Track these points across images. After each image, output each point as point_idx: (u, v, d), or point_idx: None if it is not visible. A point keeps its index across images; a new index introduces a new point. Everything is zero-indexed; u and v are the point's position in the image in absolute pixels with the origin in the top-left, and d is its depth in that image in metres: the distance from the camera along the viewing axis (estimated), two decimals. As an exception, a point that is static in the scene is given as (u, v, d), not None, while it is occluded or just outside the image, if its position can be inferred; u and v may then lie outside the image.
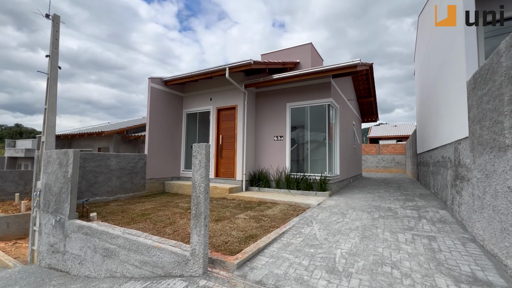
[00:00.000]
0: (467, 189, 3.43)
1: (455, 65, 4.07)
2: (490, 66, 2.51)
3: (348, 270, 2.46)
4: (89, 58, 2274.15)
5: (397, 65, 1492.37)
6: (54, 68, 5.38)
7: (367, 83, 10.49)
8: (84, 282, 3.33)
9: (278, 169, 7.26)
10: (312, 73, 6.32)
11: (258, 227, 3.77)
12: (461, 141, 3.76)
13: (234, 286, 2.24)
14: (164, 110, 8.01)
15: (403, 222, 4.00)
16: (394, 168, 20.59)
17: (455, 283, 2.18)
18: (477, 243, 3.05)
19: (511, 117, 2.08)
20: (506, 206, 2.23)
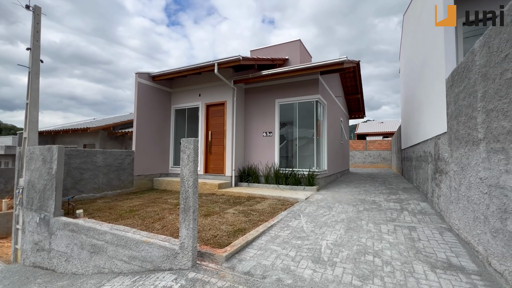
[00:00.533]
0: (445, 181, 3.62)
1: (435, 64, 4.24)
2: (466, 64, 2.64)
3: (333, 259, 2.57)
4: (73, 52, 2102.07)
5: (384, 63, 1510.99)
6: (35, 61, 5.20)
7: (354, 80, 10.69)
8: (71, 279, 3.30)
9: (267, 165, 7.34)
10: (300, 69, 6.40)
11: (247, 221, 3.83)
12: (440, 136, 3.94)
13: (222, 277, 2.29)
14: (152, 105, 7.90)
15: (386, 214, 4.17)
16: (380, 164, 21.16)
17: (431, 269, 2.32)
18: (453, 232, 3.23)
19: (483, 112, 2.22)
20: (478, 196, 2.38)
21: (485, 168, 2.20)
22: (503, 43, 1.84)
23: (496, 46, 1.94)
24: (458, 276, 2.16)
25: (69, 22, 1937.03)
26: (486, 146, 2.18)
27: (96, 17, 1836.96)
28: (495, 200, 2.03)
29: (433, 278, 2.16)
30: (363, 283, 2.12)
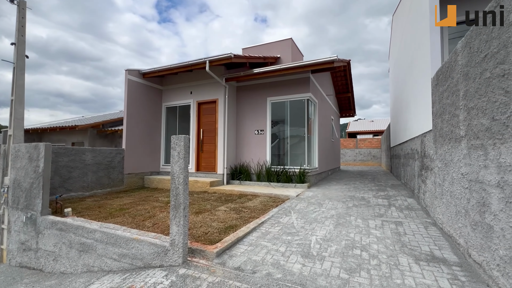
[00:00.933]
0: (430, 177, 3.74)
1: (422, 63, 4.35)
2: (449, 64, 2.74)
3: (322, 254, 2.62)
4: (60, 48, 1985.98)
5: (375, 63, 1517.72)
6: (20, 57, 5.05)
7: (345, 79, 10.83)
8: (60, 278, 3.26)
9: (259, 163, 7.38)
10: (292, 68, 6.45)
11: (238, 218, 3.86)
12: (426, 134, 4.06)
13: (213, 273, 2.31)
14: (142, 103, 7.80)
15: (374, 210, 4.27)
16: (370, 162, 21.54)
17: (415, 261, 2.41)
18: (437, 226, 3.35)
19: (465, 111, 2.31)
20: (460, 191, 2.48)
21: (466, 164, 2.30)
22: (482, 43, 1.92)
23: (476, 47, 2.02)
24: (440, 268, 2.25)
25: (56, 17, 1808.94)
26: (467, 143, 2.27)
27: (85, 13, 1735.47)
28: (475, 194, 2.12)
29: (416, 270, 2.24)
30: (350, 275, 2.18)
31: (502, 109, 1.64)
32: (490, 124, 1.81)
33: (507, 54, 1.58)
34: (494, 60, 1.74)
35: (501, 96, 1.66)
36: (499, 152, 1.70)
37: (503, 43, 1.62)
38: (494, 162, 1.77)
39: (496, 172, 1.74)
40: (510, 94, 1.56)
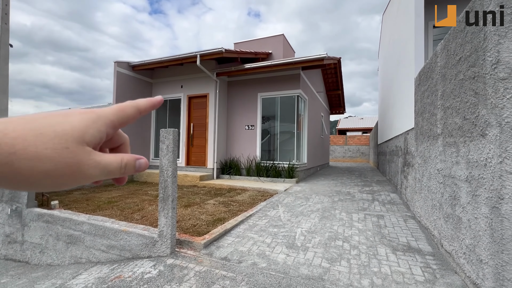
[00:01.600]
0: (412, 173, 3.91)
1: (407, 63, 4.50)
2: (430, 65, 2.86)
3: (306, 245, 2.74)
4: (45, 37, 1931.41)
5: (366, 61, 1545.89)
6: (4, 45, 4.89)
7: (336, 76, 10.99)
8: (47, 270, 3.26)
9: (249, 158, 7.46)
10: (282, 64, 6.51)
11: (227, 211, 3.93)
12: (409, 131, 4.22)
13: (200, 263, 2.39)
14: (131, 96, 7.69)
15: (358, 204, 4.43)
16: (359, 158, 22.01)
17: (392, 251, 2.55)
18: (416, 219, 3.53)
19: (442, 110, 2.44)
20: (435, 186, 2.63)
21: (441, 160, 2.44)
22: (458, 46, 2.03)
23: (453, 49, 2.14)
24: (415, 257, 2.40)
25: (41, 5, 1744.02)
26: (442, 140, 2.41)
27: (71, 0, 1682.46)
28: (448, 188, 2.26)
29: (393, 259, 2.38)
30: (331, 264, 2.30)
31: (472, 109, 1.77)
32: (462, 123, 1.94)
33: (477, 58, 1.69)
34: (467, 63, 1.86)
35: (471, 97, 1.78)
36: (468, 149, 1.83)
37: (474, 47, 1.74)
38: (464, 159, 1.90)
39: (466, 167, 1.87)
40: (478, 95, 1.68)
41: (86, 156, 0.24)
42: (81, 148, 0.23)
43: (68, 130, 0.23)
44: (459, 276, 2.01)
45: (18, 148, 0.20)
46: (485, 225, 1.57)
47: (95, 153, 0.25)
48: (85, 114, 0.25)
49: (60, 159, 0.22)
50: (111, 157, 0.26)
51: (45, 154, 0.21)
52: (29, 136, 0.21)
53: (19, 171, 0.21)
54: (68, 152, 0.22)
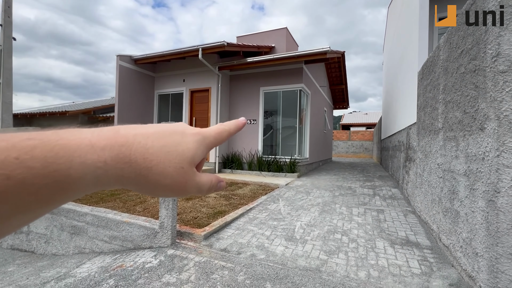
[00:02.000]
0: (413, 168, 3.90)
1: (411, 58, 4.44)
2: (433, 59, 2.83)
3: (305, 238, 2.77)
4: (49, 31, 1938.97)
5: (372, 55, 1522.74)
6: (7, 38, 4.93)
7: (339, 70, 10.88)
8: (52, 259, 3.34)
9: (251, 152, 7.48)
10: (285, 58, 6.46)
11: (228, 205, 3.98)
12: (411, 126, 4.19)
13: (200, 253, 2.43)
14: (134, 90, 7.73)
15: (359, 199, 4.44)
16: (362, 154, 21.92)
17: (391, 245, 2.57)
18: (416, 214, 3.53)
19: (443, 104, 2.42)
20: (435, 180, 2.63)
21: (441, 154, 2.43)
22: (460, 39, 2.00)
23: (455, 42, 2.11)
24: (413, 251, 2.42)
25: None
26: (443, 134, 2.39)
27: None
28: (447, 183, 2.26)
29: (391, 252, 2.40)
30: (329, 257, 2.33)
31: (472, 103, 1.75)
32: (462, 117, 1.93)
33: (478, 51, 1.67)
34: (468, 56, 1.84)
35: (472, 91, 1.76)
36: (467, 143, 1.82)
37: (476, 40, 1.72)
38: (463, 153, 1.89)
39: (464, 161, 1.87)
40: (479, 89, 1.66)
41: (192, 176, 0.27)
42: (191, 168, 0.26)
43: (185, 151, 0.26)
44: (455, 269, 2.03)
45: (153, 164, 0.24)
46: (482, 218, 1.58)
47: (196, 174, 0.28)
48: (196, 136, 0.28)
49: (177, 177, 0.25)
50: (204, 178, 0.29)
51: (169, 171, 0.25)
52: (161, 153, 0.24)
53: (149, 183, 0.24)
54: (182, 172, 0.26)
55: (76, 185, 0.21)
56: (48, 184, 0.19)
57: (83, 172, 0.21)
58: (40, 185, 0.19)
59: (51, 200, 0.20)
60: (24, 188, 0.18)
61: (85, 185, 0.22)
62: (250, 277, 2.01)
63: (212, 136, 0.30)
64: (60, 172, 0.20)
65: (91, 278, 2.17)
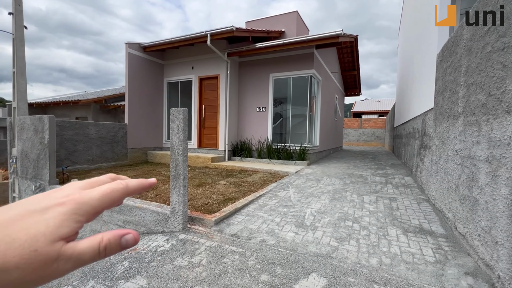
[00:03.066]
0: (428, 156, 3.77)
1: (429, 39, 4.20)
2: (455, 39, 2.65)
3: (315, 224, 2.75)
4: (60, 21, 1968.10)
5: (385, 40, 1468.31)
6: (19, 27, 4.98)
7: (352, 56, 10.51)
8: (70, 242, 3.49)
9: (260, 140, 7.44)
10: (295, 42, 6.26)
11: (237, 191, 4.00)
12: (428, 112, 4.02)
13: (211, 238, 2.47)
14: (143, 78, 7.74)
15: (370, 187, 4.37)
16: (374, 142, 21.50)
17: (403, 232, 2.52)
18: (430, 202, 3.44)
19: (465, 87, 2.28)
20: (453, 167, 2.52)
21: (461, 140, 2.32)
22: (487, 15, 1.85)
23: (482, 19, 1.96)
24: (426, 239, 2.37)
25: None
26: (463, 119, 2.27)
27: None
28: (466, 170, 2.16)
29: (403, 240, 2.36)
30: (339, 243, 2.31)
31: (498, 84, 1.63)
32: (486, 99, 1.81)
33: (508, 26, 1.54)
34: (496, 33, 1.70)
35: (498, 71, 1.64)
36: (491, 127, 1.72)
37: (506, 15, 1.57)
38: (486, 138, 1.79)
39: (487, 147, 1.77)
40: (507, 68, 1.54)
41: (56, 254, 0.22)
42: (51, 247, 0.22)
43: (41, 230, 0.22)
44: (471, 258, 1.97)
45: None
46: (504, 206, 1.50)
47: (67, 247, 0.23)
48: (64, 206, 0.24)
49: (26, 266, 0.21)
50: (85, 243, 0.24)
51: (13, 263, 0.20)
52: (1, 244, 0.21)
53: None
54: (36, 255, 0.21)
55: None
56: None
57: None
58: None
59: None
60: None
61: None
62: (261, 262, 2.02)
63: (92, 200, 0.25)
64: None
65: (106, 260, 2.24)
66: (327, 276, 1.82)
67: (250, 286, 1.73)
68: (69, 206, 0.24)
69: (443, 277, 1.78)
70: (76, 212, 0.24)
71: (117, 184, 0.27)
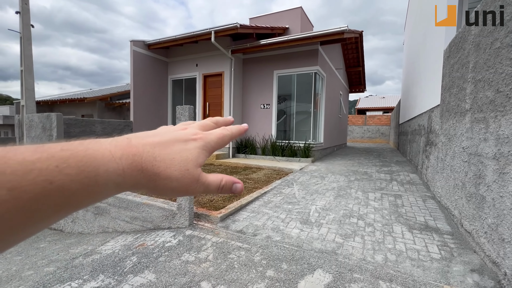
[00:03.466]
0: (434, 153, 3.75)
1: (436, 34, 4.14)
2: (463, 34, 2.62)
3: (320, 221, 2.77)
4: (65, 19, 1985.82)
5: (390, 36, 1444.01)
6: (26, 26, 5.03)
7: (356, 52, 10.41)
8: (78, 237, 3.56)
9: (264, 137, 7.45)
10: (299, 39, 6.23)
11: (242, 188, 4.02)
12: (434, 109, 3.99)
13: (217, 234, 2.50)
14: (148, 75, 7.78)
15: (375, 184, 4.36)
16: (378, 139, 21.35)
17: (408, 229, 2.52)
18: (435, 199, 3.43)
19: (472, 83, 2.26)
20: (459, 164, 2.51)
21: (468, 137, 2.30)
22: (487, 15, 1.82)
23: (482, 20, 1.93)
24: (432, 236, 2.37)
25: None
26: (471, 116, 2.25)
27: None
28: (472, 167, 2.15)
29: (408, 237, 2.36)
30: (344, 240, 2.33)
31: (507, 81, 1.62)
32: (494, 96, 1.79)
33: (518, 22, 1.52)
34: (506, 28, 1.67)
35: (507, 67, 1.62)
36: (499, 124, 1.70)
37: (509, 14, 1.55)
38: (494, 135, 1.78)
39: (494, 144, 1.76)
40: (516, 64, 1.52)
41: (197, 177, 0.29)
42: (196, 170, 0.29)
43: (189, 156, 0.29)
44: (478, 255, 1.97)
45: (160, 171, 0.27)
46: (511, 203, 1.49)
47: (203, 174, 0.30)
48: (198, 141, 0.31)
49: (182, 179, 0.28)
50: (213, 177, 0.31)
51: (175, 175, 0.28)
52: (167, 160, 0.28)
53: (158, 186, 0.27)
54: (188, 174, 0.28)
55: (101, 189, 0.24)
56: (80, 189, 0.22)
57: (107, 179, 0.24)
58: (74, 189, 0.22)
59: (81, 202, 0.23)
60: (63, 192, 0.21)
61: (108, 190, 0.25)
62: (266, 258, 2.05)
63: (213, 141, 0.32)
64: (90, 178, 0.23)
65: (115, 255, 2.29)
66: (332, 272, 1.84)
67: (256, 281, 1.76)
68: (201, 143, 0.31)
69: (448, 274, 1.78)
70: (204, 148, 0.31)
71: (226, 131, 0.35)
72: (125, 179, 0.26)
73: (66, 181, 0.21)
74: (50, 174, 0.21)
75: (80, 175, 0.22)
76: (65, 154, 0.22)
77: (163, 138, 0.29)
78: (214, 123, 0.37)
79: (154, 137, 0.29)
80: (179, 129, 0.33)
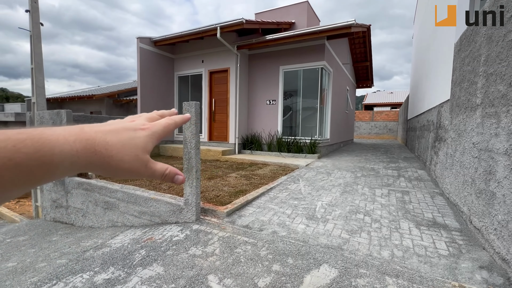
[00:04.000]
0: (443, 149, 3.68)
1: (446, 28, 4.04)
2: (475, 27, 2.55)
3: (326, 217, 2.77)
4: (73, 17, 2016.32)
5: (398, 30, 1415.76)
6: (36, 24, 5.12)
7: (364, 46, 10.24)
8: (89, 231, 3.65)
9: (270, 133, 7.44)
10: (306, 33, 6.16)
11: (248, 184, 4.05)
12: (443, 104, 3.91)
13: (223, 229, 2.53)
14: (155, 72, 7.83)
15: (382, 180, 4.32)
16: (386, 135, 21.06)
17: (416, 226, 2.50)
18: (444, 196, 3.38)
19: (484, 77, 2.20)
20: (469, 160, 2.46)
21: (478, 133, 2.26)
22: (510, 2, 1.77)
23: (504, 5, 1.87)
24: (440, 232, 2.34)
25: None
26: (482, 111, 2.20)
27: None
28: (483, 163, 2.11)
29: (416, 233, 2.34)
30: (351, 236, 2.33)
31: (520, 74, 1.57)
32: (507, 90, 1.75)
33: (533, 13, 1.47)
34: (519, 20, 1.62)
35: (521, 60, 1.57)
36: (511, 119, 1.66)
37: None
38: (505, 130, 1.74)
39: (506, 139, 1.72)
40: (530, 57, 1.48)
41: (146, 162, 0.33)
42: (144, 156, 0.33)
43: (138, 143, 0.33)
44: (487, 252, 1.94)
45: (114, 153, 0.30)
46: (523, 200, 1.46)
47: (151, 161, 0.34)
48: (146, 131, 0.34)
49: (132, 163, 0.32)
50: (160, 166, 0.35)
51: (126, 158, 0.31)
52: (119, 145, 0.31)
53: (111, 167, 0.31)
54: (137, 158, 0.32)
55: (57, 166, 0.27)
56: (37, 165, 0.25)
57: (62, 158, 0.27)
58: (32, 166, 0.25)
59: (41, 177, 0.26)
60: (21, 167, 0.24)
61: (64, 167, 0.27)
62: (272, 252, 2.07)
63: (160, 130, 0.36)
64: (46, 157, 0.26)
65: (124, 248, 2.35)
66: (338, 267, 1.85)
67: (262, 275, 1.78)
68: (148, 132, 0.34)
69: (456, 270, 1.77)
70: (152, 136, 0.34)
71: (171, 120, 0.38)
72: (80, 158, 0.28)
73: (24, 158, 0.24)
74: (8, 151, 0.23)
75: (37, 153, 0.25)
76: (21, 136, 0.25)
77: (114, 127, 0.32)
78: (160, 115, 0.40)
79: (105, 126, 0.32)
80: (128, 121, 0.35)
